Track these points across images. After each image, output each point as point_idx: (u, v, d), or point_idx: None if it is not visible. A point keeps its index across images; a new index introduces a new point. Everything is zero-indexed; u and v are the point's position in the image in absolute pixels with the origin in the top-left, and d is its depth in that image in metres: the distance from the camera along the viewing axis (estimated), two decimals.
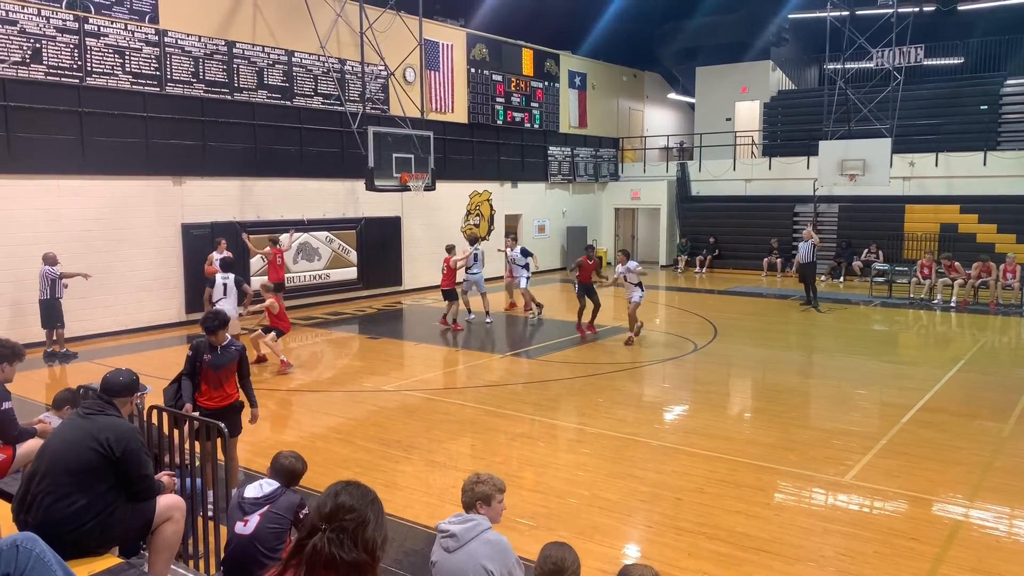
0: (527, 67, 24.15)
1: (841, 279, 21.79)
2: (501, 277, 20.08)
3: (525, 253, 16.80)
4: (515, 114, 23.70)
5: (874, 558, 5.63)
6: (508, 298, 17.77)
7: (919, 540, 5.91)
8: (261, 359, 12.04)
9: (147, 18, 14.66)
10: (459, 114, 21.71)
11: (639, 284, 13.46)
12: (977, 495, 6.80)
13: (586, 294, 14.21)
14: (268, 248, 15.19)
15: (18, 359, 5.51)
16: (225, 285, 11.63)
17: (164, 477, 4.58)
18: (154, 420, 5.30)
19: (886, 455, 7.87)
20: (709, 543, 5.86)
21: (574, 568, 3.44)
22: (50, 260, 12.47)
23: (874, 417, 9.43)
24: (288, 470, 4.54)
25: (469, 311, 16.41)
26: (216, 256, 14.14)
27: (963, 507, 6.56)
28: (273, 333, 11.62)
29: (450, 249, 15.94)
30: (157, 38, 14.82)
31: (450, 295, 15.31)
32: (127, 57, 14.39)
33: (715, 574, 5.44)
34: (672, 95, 33.19)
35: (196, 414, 6.12)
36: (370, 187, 16.48)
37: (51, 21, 13.37)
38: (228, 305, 11.58)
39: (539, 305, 16.53)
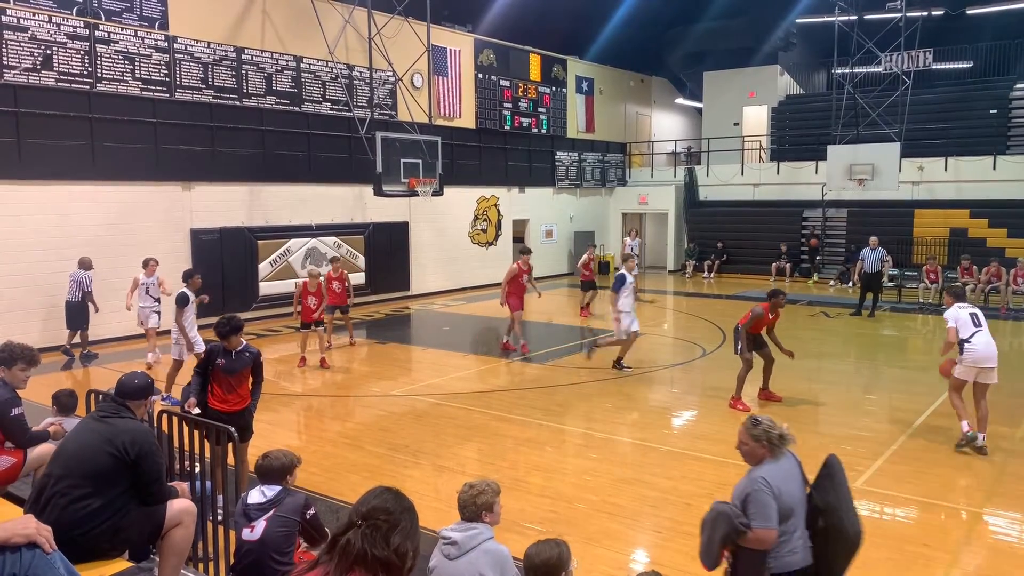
0: (534, 72, 24.18)
1: (850, 284, 21.67)
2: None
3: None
4: (522, 119, 23.73)
5: (886, 564, 5.59)
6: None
7: (931, 546, 5.87)
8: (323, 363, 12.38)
9: (157, 24, 14.75)
10: (467, 119, 21.75)
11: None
12: (989, 501, 6.76)
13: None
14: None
15: (31, 364, 5.49)
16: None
17: (179, 485, 4.58)
18: (164, 425, 5.31)
19: (897, 460, 7.83)
20: None
21: (563, 562, 3.47)
22: (85, 264, 12.79)
23: (884, 422, 9.38)
24: (278, 469, 4.51)
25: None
26: (142, 279, 12.50)
27: (976, 513, 6.52)
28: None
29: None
30: (167, 44, 14.91)
31: (588, 286, 17.61)
32: (137, 63, 14.47)
33: None
34: (679, 100, 33.18)
35: (198, 411, 6.17)
36: (378, 192, 16.51)
37: (62, 28, 13.46)
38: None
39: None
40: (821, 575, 3.83)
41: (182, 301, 9.98)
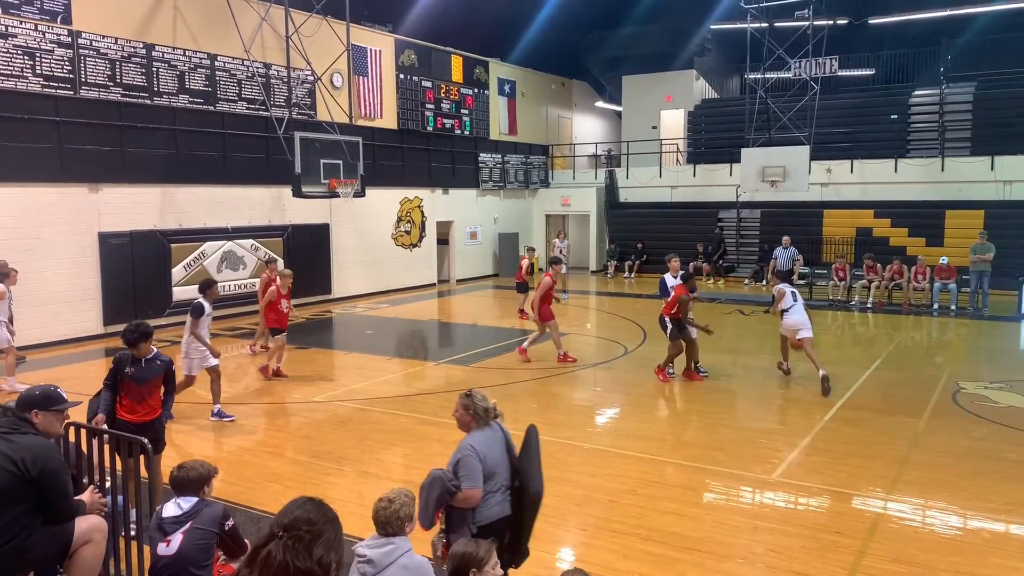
0: (456, 74, 24.14)
1: (764, 282, 22.42)
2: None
3: None
4: (445, 120, 23.65)
5: (801, 552, 5.80)
6: None
7: (843, 533, 6.11)
8: (278, 373, 11.71)
9: (59, 18, 14.07)
10: (388, 120, 21.54)
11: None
12: (895, 488, 7.08)
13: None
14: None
15: None
16: None
17: (92, 496, 4.36)
18: (71, 437, 5.06)
19: (810, 452, 8.13)
20: (643, 544, 5.94)
21: (478, 559, 3.47)
22: None
23: (798, 416, 9.73)
24: (195, 480, 4.37)
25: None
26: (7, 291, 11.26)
27: (883, 500, 6.82)
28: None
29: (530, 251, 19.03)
30: (70, 39, 14.24)
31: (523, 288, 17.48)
32: (38, 59, 13.78)
33: (650, 575, 5.51)
34: (600, 103, 33.68)
35: (106, 427, 5.88)
36: (297, 194, 16.18)
37: None
38: None
39: None
40: (516, 526, 4.51)
41: (198, 311, 9.33)
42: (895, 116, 25.20)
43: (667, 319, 10.96)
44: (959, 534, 6.22)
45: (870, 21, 27.99)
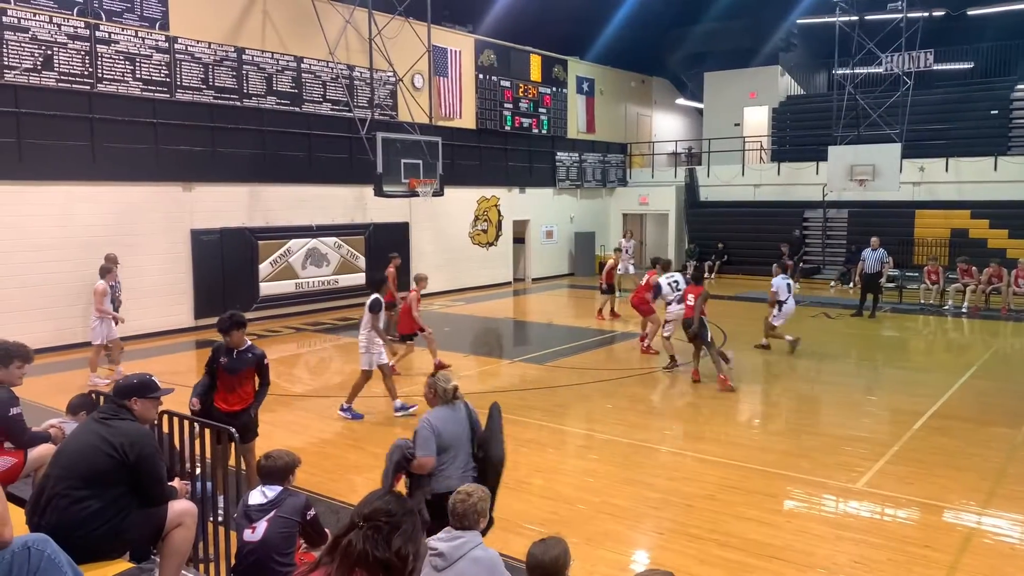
0: (535, 73, 24.17)
1: (851, 284, 21.64)
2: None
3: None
4: (523, 120, 23.72)
5: (887, 565, 5.58)
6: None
7: (932, 547, 5.86)
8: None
9: (157, 25, 14.75)
10: (467, 120, 21.74)
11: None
12: (991, 502, 6.75)
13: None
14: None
15: (27, 361, 5.51)
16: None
17: (181, 483, 4.57)
18: (165, 425, 5.29)
19: (898, 462, 7.82)
20: (720, 550, 5.83)
21: (568, 559, 3.49)
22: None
23: (885, 423, 9.37)
24: (280, 469, 4.52)
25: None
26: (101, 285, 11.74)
27: (976, 514, 6.51)
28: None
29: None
30: (167, 45, 14.91)
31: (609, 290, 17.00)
32: (137, 64, 14.47)
33: None
34: (680, 100, 33.18)
35: (199, 412, 6.14)
36: (378, 193, 16.50)
37: (62, 28, 13.46)
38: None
39: None
40: None
41: (376, 307, 9.48)
42: (995, 111, 23.96)
43: (704, 320, 11.24)
44: None
45: (968, 12, 26.69)
